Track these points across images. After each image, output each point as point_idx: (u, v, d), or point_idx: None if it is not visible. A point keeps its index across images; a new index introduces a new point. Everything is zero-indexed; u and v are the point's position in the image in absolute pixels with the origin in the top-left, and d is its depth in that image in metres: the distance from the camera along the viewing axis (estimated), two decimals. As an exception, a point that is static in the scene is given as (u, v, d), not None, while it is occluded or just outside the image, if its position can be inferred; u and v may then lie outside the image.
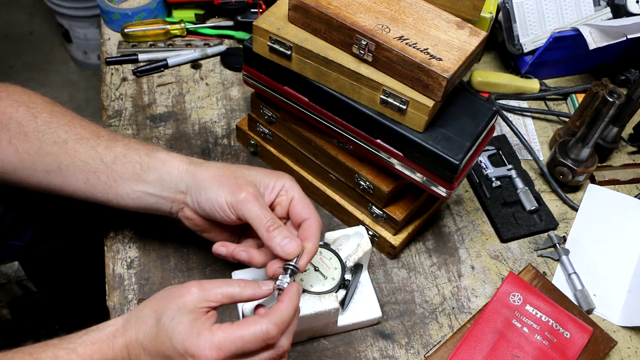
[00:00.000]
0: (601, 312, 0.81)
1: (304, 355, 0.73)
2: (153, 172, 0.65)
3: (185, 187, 0.65)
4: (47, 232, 0.94)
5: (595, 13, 1.05)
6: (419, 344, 0.75)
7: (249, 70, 0.78)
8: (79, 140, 0.66)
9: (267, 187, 0.65)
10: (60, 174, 0.66)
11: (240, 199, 0.61)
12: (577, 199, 0.92)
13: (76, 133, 0.67)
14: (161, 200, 0.66)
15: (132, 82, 0.99)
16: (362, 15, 0.67)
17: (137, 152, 0.66)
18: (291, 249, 0.59)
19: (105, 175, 0.66)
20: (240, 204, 0.61)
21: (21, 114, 0.67)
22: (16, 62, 2.21)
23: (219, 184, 0.62)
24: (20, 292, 1.54)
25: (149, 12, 1.05)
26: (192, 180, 0.64)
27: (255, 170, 0.66)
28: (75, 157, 0.66)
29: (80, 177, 0.66)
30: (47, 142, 0.66)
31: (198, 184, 0.63)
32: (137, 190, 0.66)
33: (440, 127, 0.69)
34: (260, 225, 0.60)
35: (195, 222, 0.67)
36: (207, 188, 0.63)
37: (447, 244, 0.85)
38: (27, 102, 0.68)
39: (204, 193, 0.63)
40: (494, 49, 1.11)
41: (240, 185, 0.62)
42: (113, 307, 0.74)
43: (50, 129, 0.66)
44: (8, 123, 0.66)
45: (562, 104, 1.06)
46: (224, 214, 0.62)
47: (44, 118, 0.67)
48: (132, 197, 0.66)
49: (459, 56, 0.65)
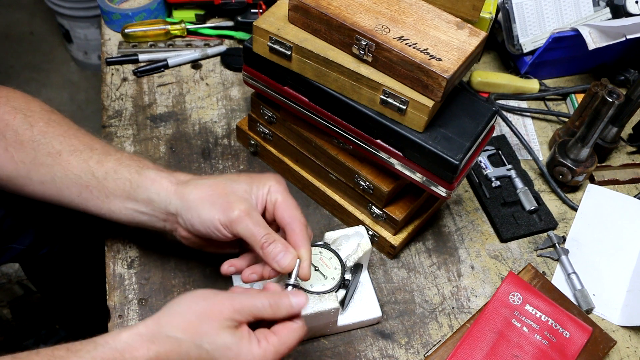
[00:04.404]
0: (600, 311, 0.81)
1: (304, 355, 0.73)
2: (143, 190, 0.65)
3: (174, 209, 0.64)
4: (47, 236, 0.94)
5: (595, 13, 1.05)
6: (419, 344, 0.76)
7: (249, 70, 0.79)
8: (72, 153, 0.66)
9: (257, 196, 0.64)
10: (54, 185, 0.66)
11: (233, 218, 0.60)
12: (576, 199, 0.93)
13: (70, 144, 0.67)
14: (153, 219, 0.66)
15: (132, 82, 0.99)
16: (362, 15, 0.67)
17: (127, 168, 0.66)
18: (286, 262, 0.60)
19: (97, 190, 0.66)
20: (234, 223, 0.60)
21: (18, 122, 0.66)
22: (16, 62, 2.21)
23: (211, 204, 0.61)
24: (21, 292, 1.54)
25: (150, 13, 1.05)
26: (181, 202, 0.63)
27: (243, 180, 0.65)
28: (69, 170, 0.66)
29: (74, 190, 0.66)
30: (42, 152, 0.66)
31: (189, 205, 0.63)
32: (128, 207, 0.66)
33: (440, 127, 0.69)
34: (255, 243, 0.60)
35: (191, 240, 0.67)
36: (198, 209, 0.62)
37: (446, 243, 0.86)
38: (25, 109, 0.68)
39: (195, 214, 0.62)
40: (493, 49, 1.11)
41: (232, 203, 0.61)
42: (113, 307, 0.74)
43: (45, 139, 0.66)
44: (5, 131, 0.66)
45: (561, 104, 1.06)
46: (219, 233, 0.62)
47: (40, 127, 0.67)
48: (124, 213, 0.66)
49: (459, 56, 0.65)
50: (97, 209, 0.67)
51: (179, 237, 0.67)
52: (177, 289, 0.77)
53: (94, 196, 0.66)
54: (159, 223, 0.66)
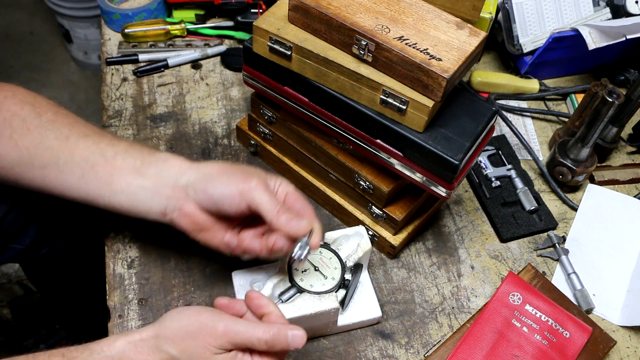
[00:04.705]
0: (600, 311, 0.81)
1: (304, 355, 0.73)
2: (153, 167, 0.66)
3: (186, 181, 0.65)
4: (48, 235, 0.94)
5: (595, 13, 1.05)
6: (419, 344, 0.76)
7: (249, 70, 0.79)
8: (82, 137, 0.67)
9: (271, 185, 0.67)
10: (56, 168, 0.66)
11: (251, 186, 0.62)
12: (576, 199, 0.93)
13: (79, 131, 0.67)
14: (156, 197, 0.66)
15: (132, 83, 0.99)
16: (362, 15, 0.67)
17: (140, 150, 0.68)
18: (300, 226, 0.62)
19: (103, 169, 0.66)
20: (252, 191, 0.62)
21: (26, 112, 0.67)
22: (17, 62, 2.21)
23: (228, 175, 0.64)
24: (21, 292, 1.54)
25: (150, 13, 1.05)
26: (196, 174, 0.65)
27: (254, 168, 0.67)
28: (75, 153, 0.66)
29: (76, 172, 0.66)
30: (49, 137, 0.66)
31: (204, 176, 0.65)
32: (132, 184, 0.66)
33: (440, 127, 0.69)
34: (270, 211, 0.62)
35: (194, 219, 0.65)
36: (215, 179, 0.64)
37: (446, 243, 0.86)
38: (32, 102, 0.68)
39: (211, 185, 0.64)
40: (493, 49, 1.11)
41: (249, 175, 0.64)
42: (113, 307, 0.74)
43: (54, 126, 0.67)
44: (11, 120, 0.66)
45: (561, 104, 1.06)
46: (233, 201, 0.63)
47: (48, 117, 0.67)
48: (125, 192, 0.66)
49: (459, 56, 0.65)
50: (96, 190, 0.67)
51: (180, 218, 0.66)
52: (177, 289, 0.77)
53: (97, 176, 0.66)
54: (160, 202, 0.66)
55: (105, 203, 0.67)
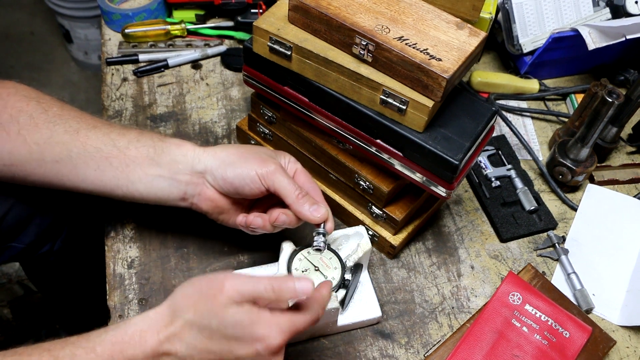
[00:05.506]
0: (600, 311, 0.81)
1: (304, 354, 0.73)
2: (167, 155, 0.66)
3: (203, 167, 0.66)
4: (48, 234, 0.94)
5: (595, 14, 1.05)
6: (419, 344, 0.76)
7: (249, 70, 0.79)
8: (91, 129, 0.67)
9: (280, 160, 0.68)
10: (70, 162, 0.66)
11: (270, 170, 0.64)
12: (576, 199, 0.93)
13: (88, 123, 0.68)
14: (174, 184, 0.66)
15: (132, 83, 0.99)
16: (362, 15, 0.67)
17: (150, 137, 0.68)
18: (320, 213, 0.65)
19: (118, 160, 0.66)
20: (272, 175, 0.64)
21: (32, 108, 0.67)
22: (17, 62, 2.21)
23: (245, 159, 0.65)
24: (21, 292, 1.54)
25: (150, 13, 1.05)
26: (213, 159, 0.66)
27: (264, 149, 0.69)
28: (88, 144, 0.66)
29: (91, 164, 0.66)
30: (59, 131, 0.66)
31: (222, 161, 0.66)
32: (149, 174, 0.66)
33: (439, 127, 0.69)
34: (290, 194, 0.64)
35: (215, 202, 0.68)
36: (234, 163, 0.65)
37: (446, 243, 0.86)
38: (36, 97, 0.69)
39: (230, 169, 0.65)
40: (493, 50, 1.11)
41: (265, 159, 0.66)
42: (114, 307, 0.74)
43: (61, 120, 0.67)
44: (18, 116, 0.66)
45: (561, 104, 1.06)
46: (254, 185, 0.64)
47: (54, 111, 0.68)
48: (143, 181, 0.66)
49: (459, 56, 0.65)
50: (113, 181, 0.67)
51: (200, 202, 0.68)
52: (177, 289, 0.77)
53: (113, 167, 0.66)
54: (178, 189, 0.67)
55: (124, 193, 0.68)
